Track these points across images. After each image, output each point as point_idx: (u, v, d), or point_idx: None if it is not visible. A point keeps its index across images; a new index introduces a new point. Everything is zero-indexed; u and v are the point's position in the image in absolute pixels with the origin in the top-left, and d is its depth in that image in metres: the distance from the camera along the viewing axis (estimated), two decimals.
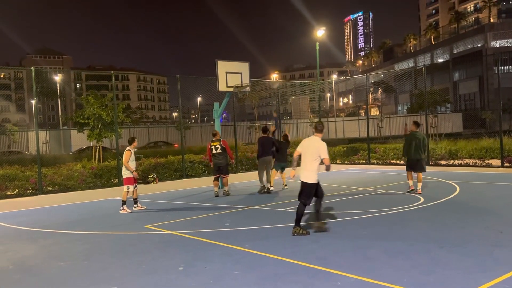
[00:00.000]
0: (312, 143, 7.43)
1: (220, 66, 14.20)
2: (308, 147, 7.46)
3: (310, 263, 5.72)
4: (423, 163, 11.50)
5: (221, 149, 12.69)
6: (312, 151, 7.35)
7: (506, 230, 6.97)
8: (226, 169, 12.98)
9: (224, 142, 12.84)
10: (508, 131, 23.49)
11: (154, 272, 5.78)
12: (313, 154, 7.33)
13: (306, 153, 7.42)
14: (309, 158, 7.34)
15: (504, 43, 70.45)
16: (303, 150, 7.50)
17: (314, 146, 7.36)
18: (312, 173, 7.32)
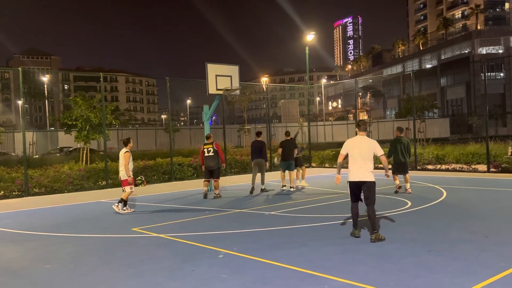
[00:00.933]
0: (366, 141, 7.29)
1: (210, 69, 14.21)
2: (362, 145, 7.24)
3: (298, 267, 5.73)
4: (407, 165, 12.52)
5: (213, 152, 12.69)
6: (369, 149, 7.22)
7: (491, 235, 7.05)
8: (218, 173, 12.96)
9: (217, 145, 12.83)
10: (494, 137, 23.80)
11: (141, 275, 5.74)
12: (370, 153, 7.20)
13: (359, 153, 7.18)
14: (366, 157, 7.16)
15: (491, 50, 71.43)
16: (354, 151, 7.25)
17: (370, 144, 7.25)
18: (372, 172, 7.18)
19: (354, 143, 7.35)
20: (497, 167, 17.14)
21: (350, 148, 7.34)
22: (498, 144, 21.37)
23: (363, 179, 7.15)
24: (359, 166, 7.17)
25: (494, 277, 5.02)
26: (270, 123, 26.89)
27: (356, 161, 7.21)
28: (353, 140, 7.44)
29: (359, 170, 7.17)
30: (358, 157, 7.19)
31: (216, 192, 12.96)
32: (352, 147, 7.31)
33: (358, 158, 7.19)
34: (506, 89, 67.64)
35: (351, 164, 7.31)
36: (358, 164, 7.18)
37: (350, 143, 7.40)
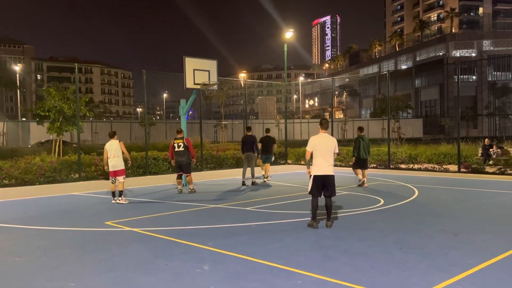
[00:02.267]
0: (328, 139, 7.87)
1: (188, 63, 14.09)
2: (324, 143, 7.79)
3: (272, 262, 5.76)
4: (368, 161, 14.07)
5: (183, 147, 12.60)
6: (330, 146, 7.80)
7: (460, 233, 7.24)
8: (187, 168, 12.84)
9: (187, 140, 12.73)
10: (465, 138, 24.40)
11: (113, 269, 5.68)
12: (332, 149, 7.81)
13: (324, 149, 7.75)
14: (329, 153, 7.77)
15: (464, 53, 73.11)
16: (318, 147, 7.77)
17: (331, 142, 7.85)
18: (332, 167, 7.81)
19: (319, 140, 7.87)
20: (468, 168, 17.58)
21: (315, 145, 7.83)
22: (469, 145, 21.95)
23: (327, 173, 7.77)
24: (324, 161, 7.75)
25: (461, 274, 5.16)
26: (247, 119, 26.88)
27: (321, 156, 7.76)
28: (317, 137, 7.93)
29: (324, 165, 7.75)
30: (323, 153, 7.76)
31: (191, 187, 12.89)
32: (317, 144, 7.82)
33: (322, 154, 7.75)
34: (478, 92, 69.41)
35: (316, 160, 7.82)
36: (323, 159, 7.75)
37: (315, 141, 7.88)
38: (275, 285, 4.94)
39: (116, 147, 11.21)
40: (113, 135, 11.54)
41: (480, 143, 21.28)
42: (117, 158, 11.16)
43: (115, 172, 11.15)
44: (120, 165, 11.18)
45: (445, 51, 73.57)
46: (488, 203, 10.42)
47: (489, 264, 5.55)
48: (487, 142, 19.50)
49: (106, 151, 11.27)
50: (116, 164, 11.15)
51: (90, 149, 24.71)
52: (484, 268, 5.40)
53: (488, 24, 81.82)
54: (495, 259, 5.76)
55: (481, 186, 13.30)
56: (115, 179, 11.18)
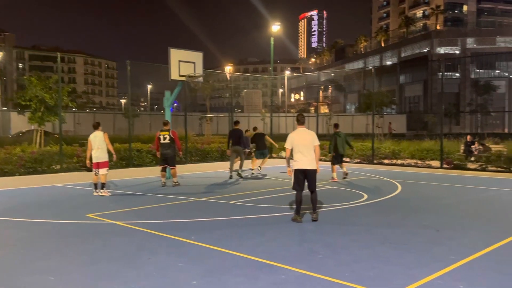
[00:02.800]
0: (306, 134, 7.92)
1: (173, 54, 13.94)
2: (303, 139, 7.86)
3: (256, 256, 5.74)
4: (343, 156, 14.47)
5: (169, 140, 12.48)
6: (309, 140, 7.85)
7: (442, 229, 7.31)
8: (172, 160, 12.72)
9: (173, 132, 12.61)
10: (448, 134, 24.72)
11: (95, 262, 5.59)
12: (311, 143, 7.85)
13: (303, 144, 7.81)
14: (309, 147, 7.82)
15: (448, 50, 73.92)
16: (297, 143, 7.84)
17: (310, 135, 7.90)
18: (314, 161, 7.85)
19: (298, 135, 7.95)
20: (450, 164, 17.80)
21: (294, 140, 7.92)
22: (451, 141, 22.22)
23: (308, 167, 7.82)
24: (304, 155, 7.81)
25: (444, 270, 5.20)
26: (232, 112, 26.77)
27: (301, 151, 7.83)
28: (296, 133, 8.02)
29: (304, 159, 7.81)
30: (303, 147, 7.83)
31: (175, 180, 12.79)
32: (296, 139, 7.91)
33: (302, 149, 7.83)
34: (461, 89, 70.33)
35: (296, 154, 7.90)
36: (303, 154, 7.82)
37: (293, 136, 7.97)
38: (258, 280, 4.91)
39: (100, 138, 11.06)
40: (97, 126, 11.36)
41: (462, 139, 21.57)
42: (100, 150, 11.02)
43: (97, 164, 11.00)
44: (104, 157, 11.03)
45: (429, 48, 74.27)
46: (470, 199, 10.56)
47: (471, 260, 5.61)
48: (469, 139, 19.76)
49: (90, 143, 11.10)
50: (99, 156, 11.00)
51: (72, 140, 24.37)
52: (466, 264, 5.45)
53: (472, 22, 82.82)
54: (477, 254, 5.83)
55: (463, 182, 13.47)
56: (98, 171, 11.02)
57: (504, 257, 5.74)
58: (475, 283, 4.81)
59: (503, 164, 16.81)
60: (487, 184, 13.10)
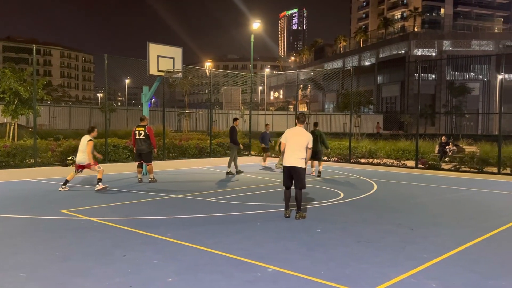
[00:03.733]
0: (302, 133, 8.04)
1: (152, 49, 13.78)
2: (298, 136, 7.98)
3: (232, 254, 5.73)
4: (320, 153, 14.87)
5: (144, 136, 12.39)
6: (303, 140, 7.95)
7: (416, 228, 7.44)
8: (147, 157, 12.59)
9: (149, 128, 12.47)
10: (423, 135, 25.12)
11: (68, 259, 5.49)
12: (305, 143, 7.95)
13: (296, 142, 7.93)
14: (300, 146, 7.92)
15: (425, 52, 75.10)
16: (292, 140, 7.97)
17: (305, 136, 8.00)
18: (303, 160, 7.96)
19: (294, 133, 8.09)
20: (425, 164, 18.12)
21: (289, 137, 8.06)
22: (426, 142, 22.59)
23: (295, 165, 7.92)
24: (294, 153, 7.93)
25: (417, 268, 5.29)
26: (211, 109, 26.65)
27: (292, 148, 7.95)
28: (293, 130, 8.18)
29: (293, 156, 7.93)
30: (295, 145, 7.94)
31: (151, 177, 12.66)
32: (292, 136, 8.05)
33: (294, 146, 7.94)
34: (437, 91, 71.57)
35: (287, 151, 8.03)
36: (293, 151, 7.94)
37: (290, 133, 8.11)
38: (234, 277, 4.91)
39: (83, 143, 11.02)
40: (88, 132, 11.35)
41: (437, 140, 21.95)
42: (81, 154, 10.96)
43: (82, 166, 10.99)
44: (84, 160, 10.94)
45: (407, 49, 75.32)
46: (443, 198, 10.77)
47: (443, 258, 5.72)
48: (443, 140, 20.14)
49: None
50: (80, 160, 10.96)
51: (47, 134, 23.91)
52: (439, 262, 5.56)
53: (449, 25, 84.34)
54: (449, 253, 5.95)
55: (437, 182, 13.74)
56: (81, 171, 11.09)
57: (475, 256, 5.88)
58: (447, 281, 4.91)
59: (475, 165, 17.20)
60: (460, 184, 13.39)
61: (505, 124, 24.92)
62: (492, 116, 59.19)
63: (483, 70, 73.77)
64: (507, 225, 7.78)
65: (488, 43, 75.45)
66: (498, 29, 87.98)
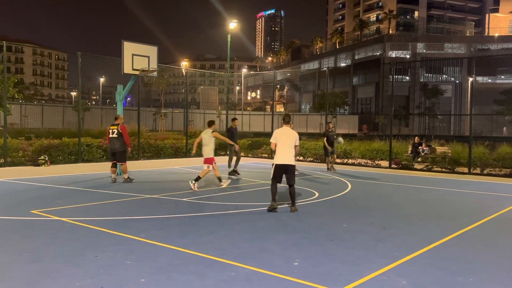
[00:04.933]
0: (290, 132, 8.67)
1: (127, 47, 13.63)
2: (287, 136, 8.61)
3: (206, 254, 5.71)
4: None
5: (117, 134, 12.22)
6: (291, 139, 8.59)
7: (388, 226, 7.56)
8: (121, 156, 12.41)
9: (122, 127, 12.30)
10: (397, 136, 25.56)
11: (38, 260, 5.38)
12: (292, 142, 8.59)
13: (286, 141, 8.55)
14: (290, 145, 8.56)
15: (400, 54, 76.46)
16: (280, 140, 8.57)
17: (293, 135, 8.64)
18: (293, 157, 8.63)
19: (282, 133, 8.70)
20: (398, 164, 18.43)
21: (279, 137, 8.64)
22: (400, 142, 22.98)
23: (288, 163, 8.56)
24: (285, 152, 8.55)
25: (388, 266, 5.38)
26: (188, 108, 26.50)
27: (283, 148, 8.57)
28: (281, 130, 8.78)
29: (285, 155, 8.55)
30: (284, 144, 8.56)
31: (125, 177, 12.49)
32: (280, 136, 8.64)
33: (284, 146, 8.56)
34: (411, 92, 72.92)
35: (278, 150, 8.60)
36: (284, 150, 8.56)
37: (279, 133, 8.70)
38: (207, 277, 4.89)
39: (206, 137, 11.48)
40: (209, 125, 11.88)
41: (410, 141, 22.36)
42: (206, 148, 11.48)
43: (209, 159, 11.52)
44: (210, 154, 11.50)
45: (382, 51, 76.53)
46: (415, 198, 10.98)
47: (414, 256, 5.83)
48: (416, 140, 20.53)
49: None
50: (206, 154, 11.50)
51: (18, 133, 23.35)
52: (409, 260, 5.66)
53: (423, 28, 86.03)
54: (420, 251, 6.07)
55: (410, 182, 13.99)
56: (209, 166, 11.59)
57: (444, 254, 6.01)
58: (418, 278, 5.00)
59: (447, 165, 17.60)
60: (432, 184, 13.66)
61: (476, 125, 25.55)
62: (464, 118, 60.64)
63: (455, 72, 75.55)
64: (476, 223, 7.98)
65: (460, 46, 77.33)
66: (470, 33, 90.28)
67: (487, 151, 19.21)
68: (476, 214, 8.88)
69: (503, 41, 77.63)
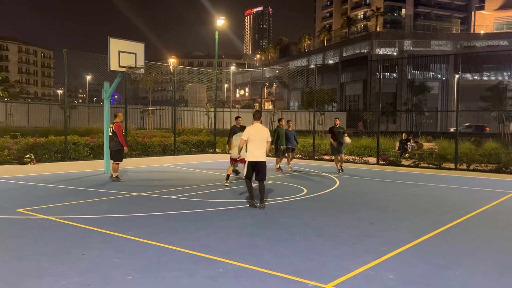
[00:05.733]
0: (261, 129, 8.66)
1: (113, 44, 13.47)
2: (259, 132, 8.58)
3: (195, 251, 5.69)
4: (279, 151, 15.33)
5: (112, 133, 12.19)
6: (264, 135, 8.60)
7: (376, 222, 7.61)
8: (115, 155, 12.27)
9: (116, 126, 12.17)
10: (384, 132, 25.73)
11: (24, 259, 5.31)
12: (264, 138, 8.59)
13: (258, 138, 8.52)
14: (262, 142, 8.56)
15: (387, 51, 76.87)
16: (253, 136, 8.52)
17: (265, 132, 8.66)
18: (265, 154, 8.63)
19: (254, 129, 8.65)
20: (386, 160, 18.55)
21: (251, 134, 8.59)
22: (387, 139, 23.15)
23: (260, 159, 8.56)
24: (256, 149, 8.54)
25: (375, 261, 5.41)
26: (176, 106, 26.37)
27: (255, 144, 8.56)
28: (253, 127, 8.71)
29: (257, 152, 8.54)
30: (256, 141, 8.55)
31: (114, 175, 12.33)
32: (253, 133, 8.59)
33: (256, 143, 8.55)
34: (398, 89, 73.41)
35: (250, 147, 8.58)
36: (256, 147, 8.55)
37: (250, 130, 8.63)
38: (195, 274, 4.88)
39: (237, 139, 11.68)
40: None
41: (398, 137, 22.52)
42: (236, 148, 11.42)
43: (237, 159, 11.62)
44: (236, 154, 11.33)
45: (369, 49, 76.87)
46: (403, 193, 11.06)
47: (401, 251, 5.87)
48: (404, 137, 20.68)
49: None
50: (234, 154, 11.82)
51: (3, 131, 23.01)
52: (397, 254, 5.70)
53: (409, 25, 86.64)
54: (407, 246, 6.12)
55: (397, 178, 14.09)
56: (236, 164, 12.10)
57: (431, 248, 6.06)
58: (404, 272, 5.04)
59: (434, 161, 17.76)
60: (419, 179, 13.77)
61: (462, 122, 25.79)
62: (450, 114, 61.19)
63: (441, 69, 76.20)
64: (462, 218, 8.06)
65: (447, 43, 77.97)
66: (456, 30, 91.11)
67: (473, 147, 19.44)
68: (462, 208, 8.97)
69: (489, 38, 78.49)
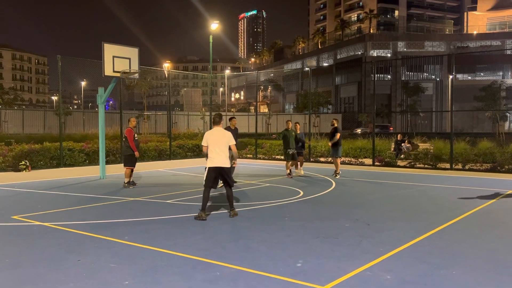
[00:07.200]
0: (221, 133, 8.15)
1: (107, 49, 13.44)
2: (219, 137, 8.08)
3: (191, 255, 5.68)
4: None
5: (124, 138, 12.22)
6: (224, 140, 8.07)
7: (372, 223, 7.61)
8: (125, 160, 12.13)
9: (127, 131, 12.00)
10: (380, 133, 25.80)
11: (19, 266, 5.28)
12: (225, 143, 8.08)
13: (217, 143, 8.01)
14: (223, 146, 8.05)
15: (381, 53, 77.15)
16: (213, 142, 8.02)
17: (225, 136, 8.13)
18: (228, 159, 8.12)
19: (213, 135, 8.14)
20: (381, 161, 18.59)
21: (210, 139, 8.09)
22: (383, 140, 23.20)
23: (223, 165, 8.04)
24: (218, 154, 8.02)
25: (372, 262, 5.41)
26: (171, 110, 26.34)
27: (216, 150, 8.03)
28: (212, 132, 8.21)
29: (218, 157, 8.02)
30: (217, 146, 8.04)
31: (125, 181, 12.05)
32: (212, 138, 8.09)
33: (217, 148, 8.03)
34: (392, 90, 73.65)
35: (211, 153, 8.06)
36: (217, 152, 8.02)
37: (209, 135, 8.14)
38: (192, 278, 4.86)
39: None
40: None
41: (393, 138, 22.57)
42: None
43: None
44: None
45: (363, 51, 77.15)
46: (399, 194, 11.08)
47: (398, 251, 5.88)
48: (399, 138, 20.74)
49: None
50: None
51: None
52: (394, 255, 5.71)
53: (403, 27, 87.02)
54: (404, 246, 6.12)
55: (393, 179, 14.12)
56: None
57: (428, 248, 6.07)
58: (402, 272, 5.05)
59: (429, 161, 17.81)
60: (414, 180, 13.81)
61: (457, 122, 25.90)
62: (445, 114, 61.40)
63: (435, 70, 76.57)
64: (459, 217, 8.08)
65: (440, 44, 78.39)
66: (449, 31, 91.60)
67: (468, 147, 19.51)
68: (458, 208, 9.00)
69: (482, 39, 78.98)
